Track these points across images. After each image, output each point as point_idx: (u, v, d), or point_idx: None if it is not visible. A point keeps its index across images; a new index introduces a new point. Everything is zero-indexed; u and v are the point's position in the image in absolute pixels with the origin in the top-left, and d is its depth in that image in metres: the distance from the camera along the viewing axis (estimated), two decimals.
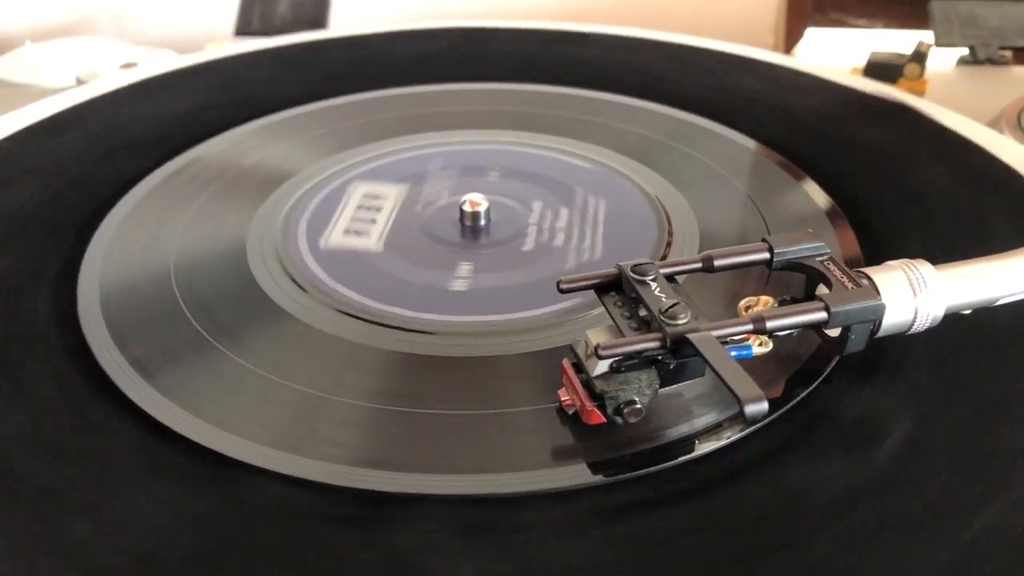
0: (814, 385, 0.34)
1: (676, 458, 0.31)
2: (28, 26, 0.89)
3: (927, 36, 0.72)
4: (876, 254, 0.42)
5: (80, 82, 0.69)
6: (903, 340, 0.33)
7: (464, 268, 0.42)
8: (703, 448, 0.31)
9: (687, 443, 0.31)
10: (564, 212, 0.46)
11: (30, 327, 0.38)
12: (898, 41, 0.77)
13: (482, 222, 0.45)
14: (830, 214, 0.45)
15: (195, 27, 0.90)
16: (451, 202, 0.47)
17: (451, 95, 0.61)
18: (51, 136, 0.54)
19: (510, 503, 0.29)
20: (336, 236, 0.43)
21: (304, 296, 0.40)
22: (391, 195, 0.47)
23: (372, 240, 0.43)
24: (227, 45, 0.71)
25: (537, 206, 0.47)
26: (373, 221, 0.44)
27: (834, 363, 0.34)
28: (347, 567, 0.27)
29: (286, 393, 0.34)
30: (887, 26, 1.00)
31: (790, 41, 0.98)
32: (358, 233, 0.43)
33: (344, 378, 0.35)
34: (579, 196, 0.48)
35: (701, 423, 0.32)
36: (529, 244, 0.44)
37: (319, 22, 0.79)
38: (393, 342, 0.37)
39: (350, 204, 0.47)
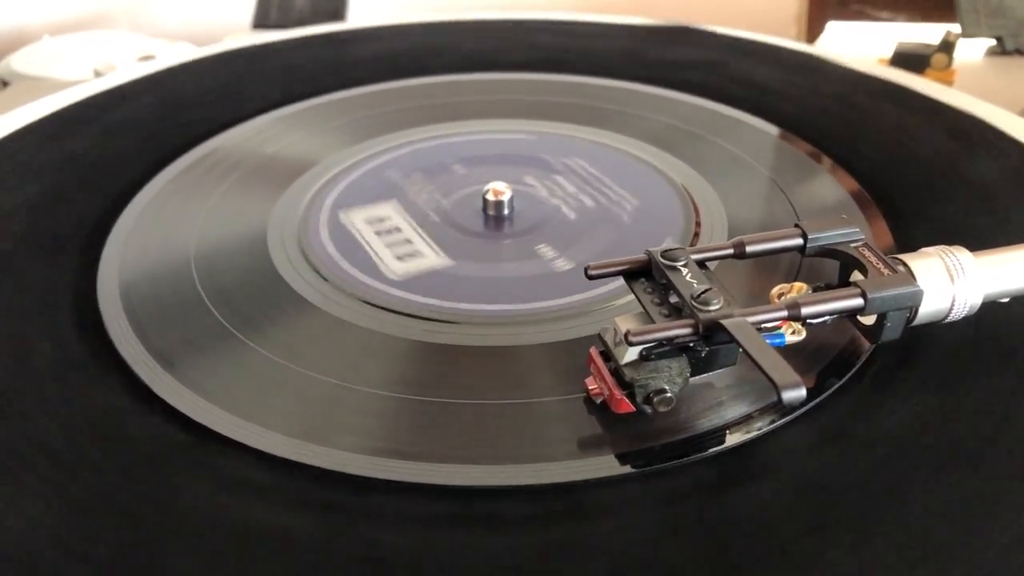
0: (847, 377, 0.33)
1: (706, 450, 0.30)
2: (46, 20, 0.89)
3: (950, 29, 0.71)
4: (906, 242, 0.41)
5: (98, 75, 0.69)
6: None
7: (546, 251, 0.42)
8: (734, 439, 0.30)
9: (719, 434, 0.30)
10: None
11: (50, 318, 0.37)
12: (921, 34, 0.75)
13: (506, 211, 0.44)
14: (859, 201, 0.44)
15: (213, 20, 0.89)
16: (469, 193, 0.47)
17: (469, 85, 0.60)
18: (70, 127, 0.54)
19: (536, 494, 0.29)
20: (397, 266, 0.40)
21: (326, 285, 0.39)
22: (392, 214, 0.46)
23: (432, 256, 0.42)
24: (245, 37, 0.70)
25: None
26: (409, 241, 0.43)
27: (867, 354, 0.34)
28: (361, 557, 0.27)
29: (307, 382, 0.33)
30: (910, 19, 0.99)
31: (812, 34, 0.97)
32: (412, 255, 0.42)
33: (366, 367, 0.34)
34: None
35: (731, 414, 0.31)
36: (571, 215, 0.45)
37: (337, 14, 0.78)
38: (415, 331, 0.36)
39: (368, 236, 0.43)
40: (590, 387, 0.31)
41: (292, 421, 0.31)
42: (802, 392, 0.25)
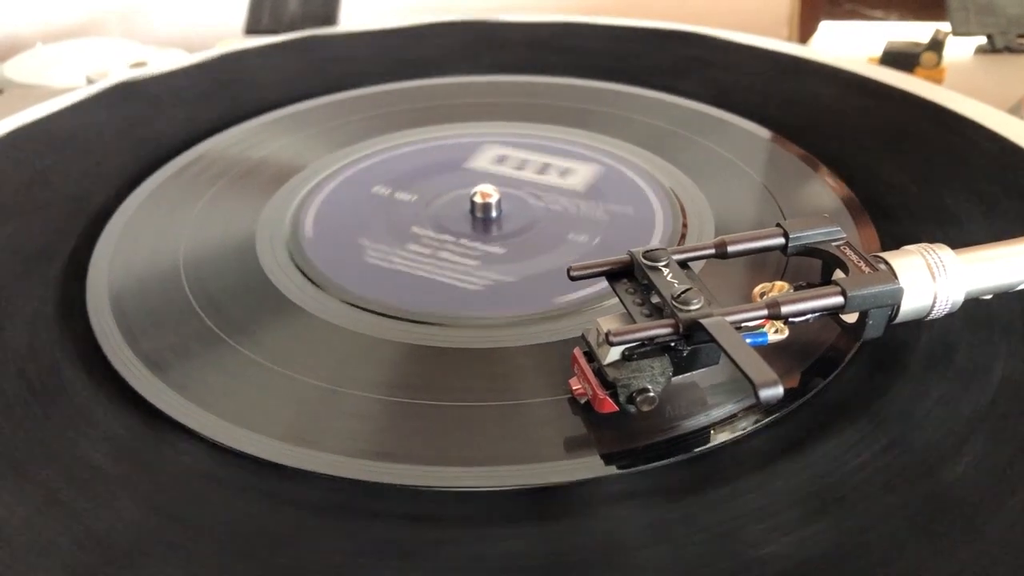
0: (832, 375, 0.33)
1: (691, 449, 0.30)
2: (39, 28, 0.89)
3: (943, 27, 0.71)
4: (895, 242, 0.41)
5: (91, 82, 0.69)
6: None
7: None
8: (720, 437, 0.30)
9: (703, 433, 0.31)
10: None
11: (39, 323, 0.37)
12: (910, 33, 0.75)
13: (494, 213, 0.44)
14: (848, 204, 0.44)
15: (205, 26, 0.90)
16: (457, 196, 0.47)
17: (458, 88, 0.61)
18: (58, 133, 0.54)
19: (522, 495, 0.29)
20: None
21: (314, 289, 0.39)
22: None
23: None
24: (237, 42, 0.71)
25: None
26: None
27: (853, 352, 0.34)
28: (350, 558, 0.27)
29: (297, 387, 0.34)
30: (902, 18, 0.99)
31: (804, 34, 0.97)
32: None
33: (355, 370, 0.34)
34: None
35: (716, 413, 0.31)
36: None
37: (329, 19, 0.78)
38: (403, 335, 0.36)
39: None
40: (574, 387, 0.32)
41: (282, 425, 0.32)
42: (779, 390, 0.25)
